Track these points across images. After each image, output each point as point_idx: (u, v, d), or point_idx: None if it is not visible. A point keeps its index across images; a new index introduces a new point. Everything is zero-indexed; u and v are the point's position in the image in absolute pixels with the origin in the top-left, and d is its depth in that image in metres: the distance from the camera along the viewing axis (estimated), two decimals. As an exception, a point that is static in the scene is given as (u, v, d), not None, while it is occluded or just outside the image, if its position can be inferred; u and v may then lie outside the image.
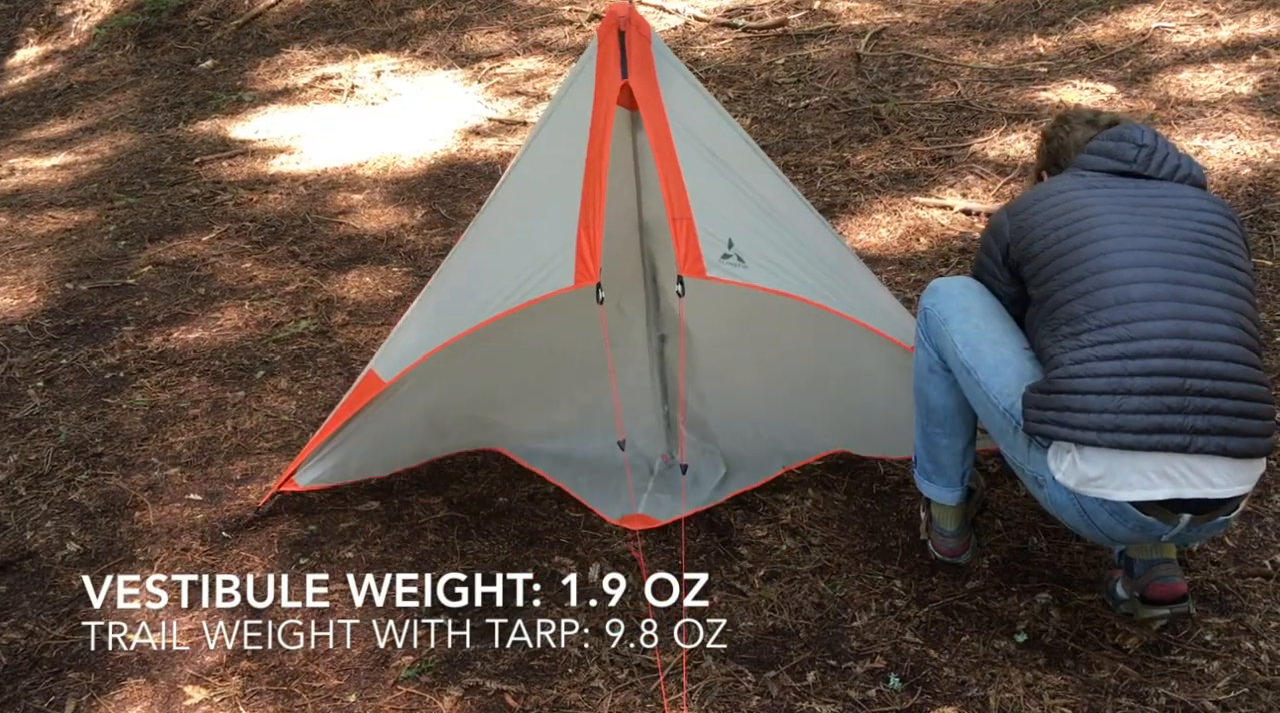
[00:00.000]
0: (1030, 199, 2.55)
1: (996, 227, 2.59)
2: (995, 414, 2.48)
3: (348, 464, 3.15)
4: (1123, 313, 2.27)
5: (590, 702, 2.57)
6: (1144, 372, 2.22)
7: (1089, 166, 2.57)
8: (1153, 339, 2.24)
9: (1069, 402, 2.27)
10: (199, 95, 7.36)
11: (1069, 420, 2.26)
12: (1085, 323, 2.30)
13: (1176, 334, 2.24)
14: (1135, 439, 2.21)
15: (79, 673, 2.78)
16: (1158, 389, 2.21)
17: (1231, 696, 2.44)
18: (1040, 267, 2.44)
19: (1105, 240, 2.37)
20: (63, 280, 4.89)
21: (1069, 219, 2.44)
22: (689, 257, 2.48)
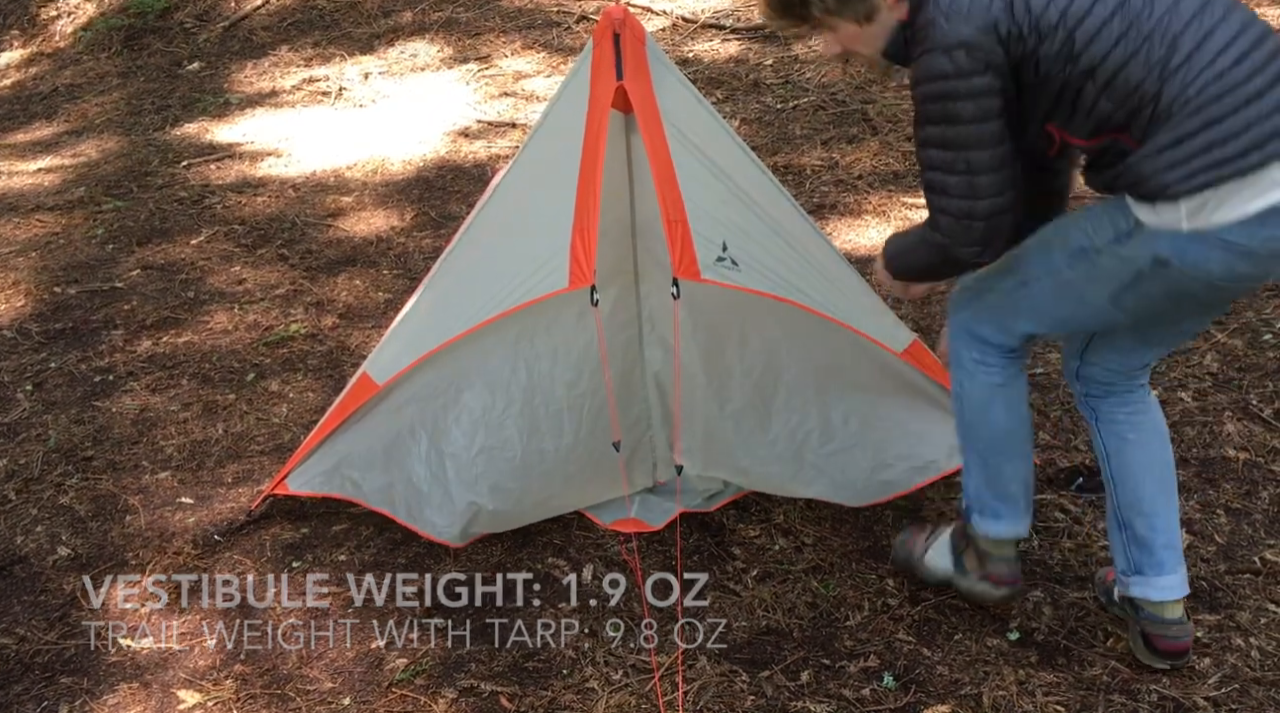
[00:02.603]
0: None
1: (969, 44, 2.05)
2: (1089, 257, 2.18)
3: (339, 474, 3.13)
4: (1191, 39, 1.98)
5: (585, 703, 2.57)
6: (1244, 83, 1.95)
7: None
8: (1229, 46, 1.98)
9: (1208, 143, 1.94)
10: (186, 98, 7.34)
11: (1219, 161, 1.94)
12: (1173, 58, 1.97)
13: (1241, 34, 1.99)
14: (1270, 150, 1.94)
15: (71, 678, 2.77)
16: (1265, 92, 1.96)
17: (1222, 692, 2.46)
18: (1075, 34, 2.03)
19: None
20: (50, 284, 4.87)
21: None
22: (684, 259, 2.49)
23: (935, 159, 2.14)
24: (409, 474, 3.01)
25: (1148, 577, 2.47)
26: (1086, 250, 2.19)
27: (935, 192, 2.17)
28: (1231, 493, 3.04)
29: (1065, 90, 2.07)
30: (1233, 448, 3.19)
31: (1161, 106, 1.98)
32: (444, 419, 2.94)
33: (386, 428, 3.03)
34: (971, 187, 2.11)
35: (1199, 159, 1.95)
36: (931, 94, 2.09)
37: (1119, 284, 2.17)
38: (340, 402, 3.08)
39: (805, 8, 2.19)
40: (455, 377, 2.89)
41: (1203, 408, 3.37)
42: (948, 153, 2.11)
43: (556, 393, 2.83)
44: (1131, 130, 2.04)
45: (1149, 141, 2.00)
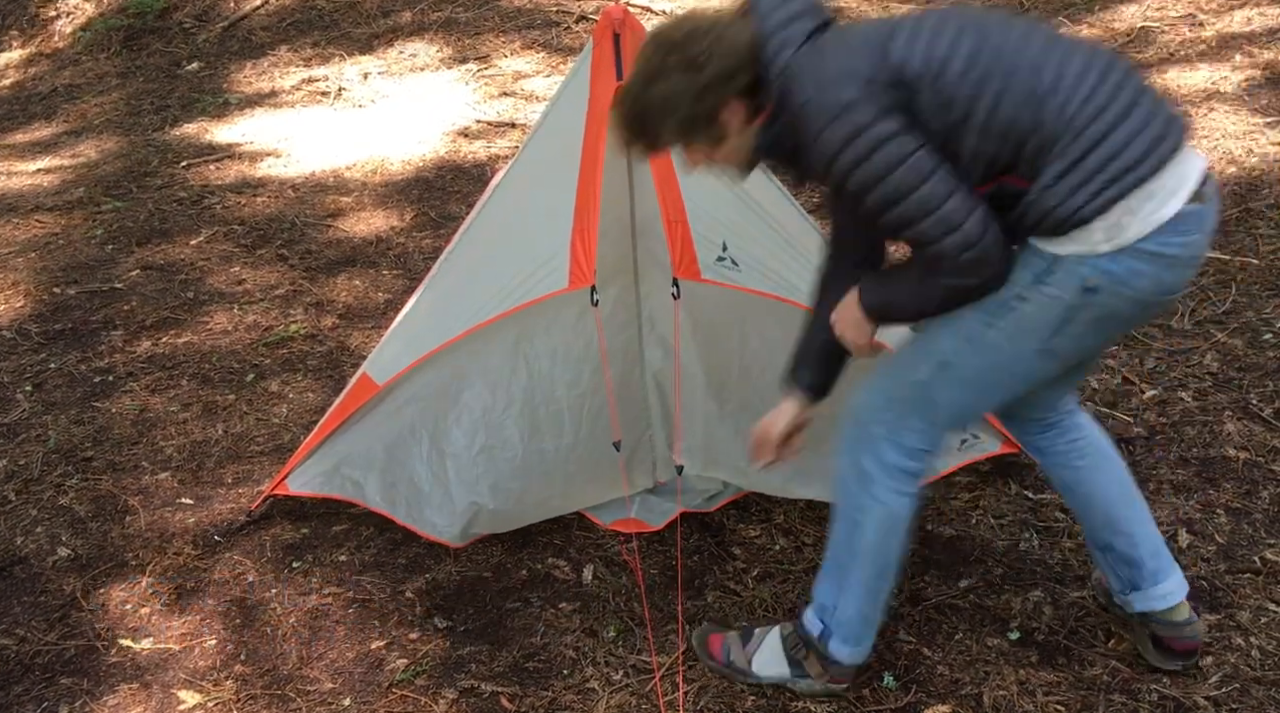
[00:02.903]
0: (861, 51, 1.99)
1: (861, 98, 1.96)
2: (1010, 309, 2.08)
3: (340, 474, 3.13)
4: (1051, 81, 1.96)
5: (586, 703, 2.57)
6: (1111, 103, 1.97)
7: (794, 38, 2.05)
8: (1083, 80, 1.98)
9: (1103, 161, 1.94)
10: (185, 98, 7.33)
11: (1118, 174, 1.94)
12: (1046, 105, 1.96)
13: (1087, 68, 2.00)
14: (1160, 155, 1.96)
15: (71, 678, 2.77)
16: (1131, 110, 1.98)
17: (1223, 692, 2.46)
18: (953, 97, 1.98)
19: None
20: (50, 284, 4.87)
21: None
22: (684, 258, 2.50)
23: (895, 219, 2.00)
24: (410, 474, 3.02)
25: (1146, 590, 2.45)
26: (1006, 302, 2.07)
27: (920, 245, 2.04)
28: (1232, 493, 3.04)
29: (947, 141, 1.99)
30: (1233, 447, 3.19)
31: (1045, 137, 1.94)
32: (444, 419, 2.94)
33: (387, 428, 3.03)
34: (945, 221, 1.98)
35: (1099, 177, 1.92)
36: (848, 163, 1.97)
37: (1049, 328, 2.08)
38: (340, 402, 3.08)
39: (654, 139, 2.15)
40: (456, 377, 2.89)
41: (1203, 407, 3.37)
42: (902, 206, 1.98)
43: (556, 393, 2.84)
44: (1019, 168, 1.98)
45: (1042, 174, 1.96)
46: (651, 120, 2.09)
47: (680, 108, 2.06)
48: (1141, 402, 3.43)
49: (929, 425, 2.24)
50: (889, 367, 2.27)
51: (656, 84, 2.06)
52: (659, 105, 2.07)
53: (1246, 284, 3.95)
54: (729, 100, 2.06)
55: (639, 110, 2.10)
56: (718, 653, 2.60)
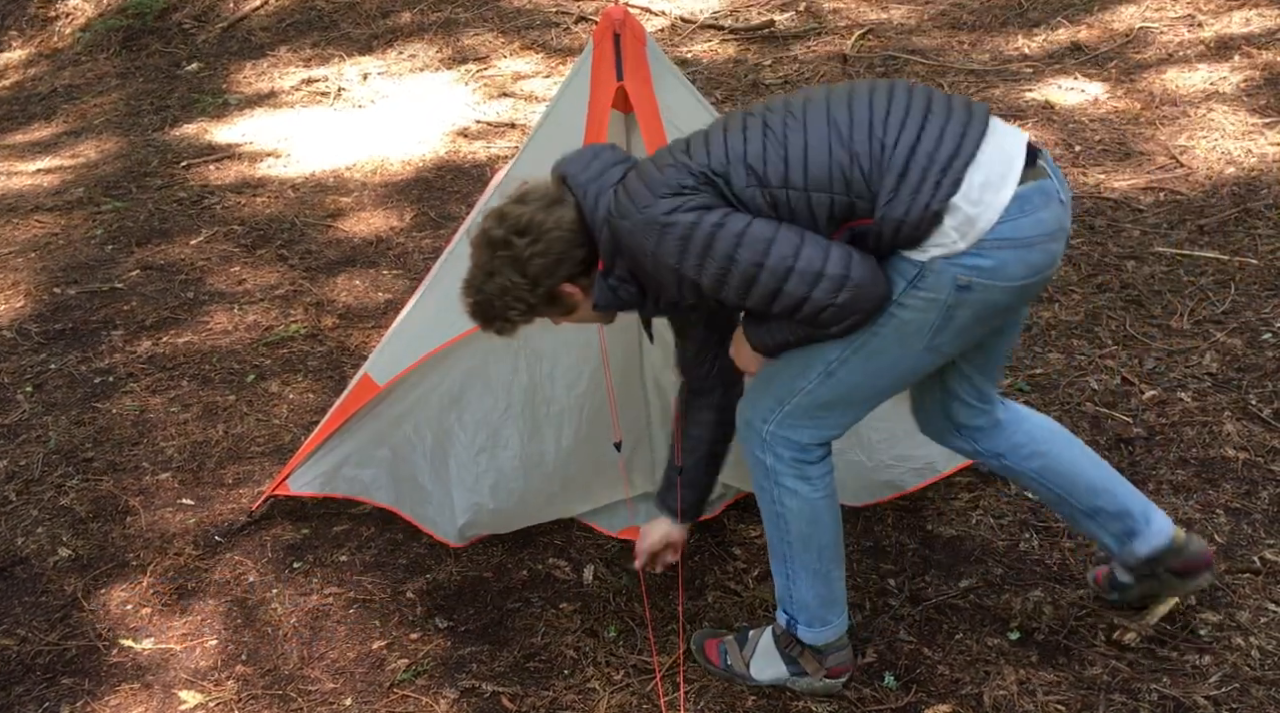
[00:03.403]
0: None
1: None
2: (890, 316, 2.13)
3: (341, 473, 3.14)
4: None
5: (587, 703, 2.58)
6: (908, 116, 2.09)
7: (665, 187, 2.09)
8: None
9: (923, 166, 2.03)
10: (185, 99, 7.34)
11: (941, 171, 2.03)
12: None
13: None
14: (972, 140, 2.06)
15: (72, 679, 2.77)
16: (927, 116, 2.10)
17: (1223, 691, 2.46)
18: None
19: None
20: (50, 285, 4.87)
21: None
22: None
23: (761, 295, 2.07)
24: (412, 472, 3.02)
25: (1144, 531, 2.49)
26: (884, 311, 2.12)
27: (798, 306, 2.06)
28: (1231, 493, 3.04)
29: (777, 209, 2.06)
30: (1232, 447, 3.20)
31: (863, 166, 2.03)
32: (445, 419, 2.94)
33: (389, 428, 3.03)
34: (806, 273, 2.03)
35: (927, 181, 2.01)
36: (693, 264, 2.06)
37: (930, 329, 2.13)
38: (341, 402, 3.08)
39: (505, 326, 2.28)
40: (457, 377, 2.89)
41: (1202, 408, 3.37)
42: (762, 280, 2.05)
43: (557, 393, 2.85)
44: (858, 209, 2.05)
45: (878, 200, 2.03)
46: (496, 311, 2.24)
47: (521, 299, 2.20)
48: (1141, 402, 3.44)
49: (818, 425, 2.31)
50: (776, 371, 2.31)
51: (493, 280, 2.20)
52: (499, 299, 2.21)
53: (1245, 284, 3.95)
54: (564, 284, 2.21)
55: (482, 303, 2.24)
56: (715, 658, 2.61)
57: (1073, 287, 4.06)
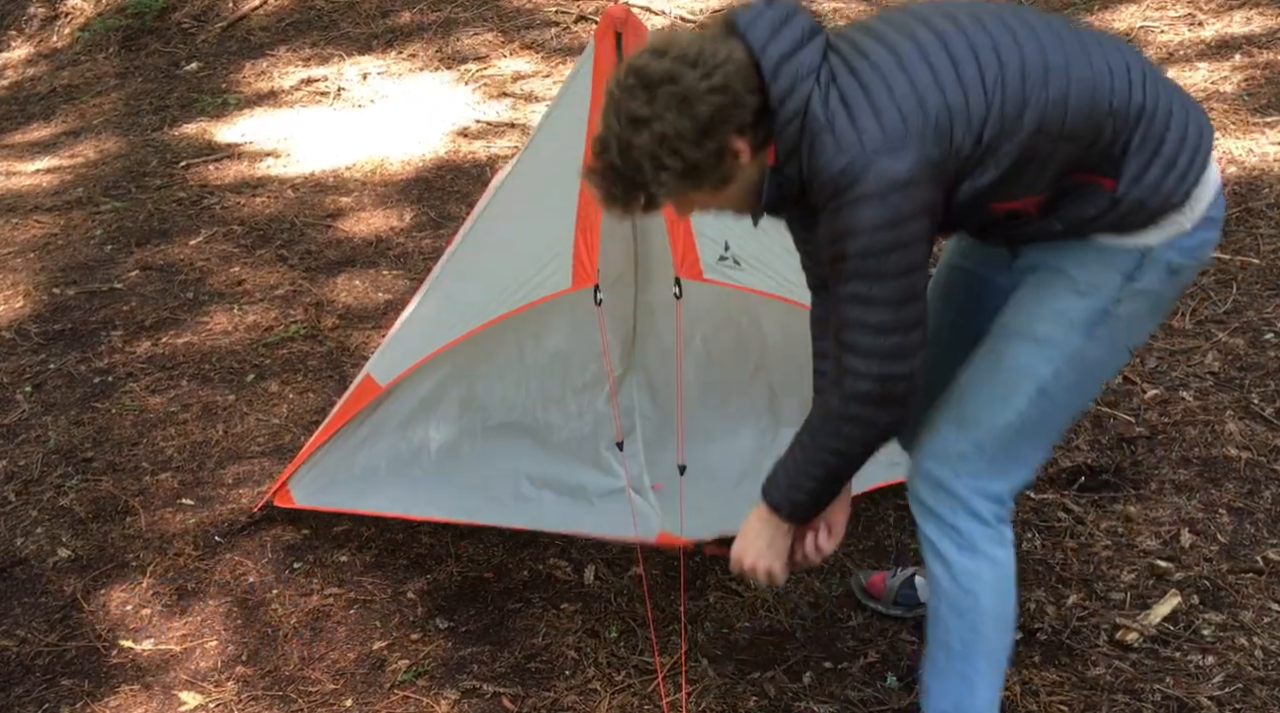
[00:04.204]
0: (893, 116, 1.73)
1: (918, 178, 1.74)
2: (1108, 318, 1.91)
3: (342, 483, 3.12)
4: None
5: (588, 704, 2.57)
6: (1159, 87, 1.89)
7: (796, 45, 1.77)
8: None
9: (1177, 143, 1.84)
10: (184, 98, 7.32)
11: (1193, 153, 1.86)
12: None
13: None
14: (1205, 122, 1.93)
15: (72, 680, 2.76)
16: (1170, 88, 1.93)
17: (1226, 692, 2.45)
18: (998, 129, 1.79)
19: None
20: (49, 285, 4.86)
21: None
22: (686, 258, 2.49)
23: (852, 317, 1.81)
24: (411, 473, 3.01)
25: None
26: (1103, 310, 1.89)
27: (853, 352, 1.82)
28: (1234, 492, 3.03)
29: (1020, 161, 1.80)
30: (1234, 447, 3.19)
31: (1117, 130, 1.81)
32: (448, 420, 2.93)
33: (390, 431, 3.02)
34: (900, 347, 1.80)
35: (1180, 159, 1.83)
36: (857, 250, 1.75)
37: (1140, 324, 1.97)
38: (343, 404, 3.06)
39: (651, 195, 1.80)
40: (459, 378, 2.88)
41: (1204, 407, 3.37)
42: (871, 310, 1.79)
43: (560, 393, 2.83)
44: (1101, 167, 1.83)
45: (1125, 169, 1.82)
46: (646, 172, 1.76)
47: (680, 153, 1.74)
48: (1143, 401, 3.43)
49: (1019, 466, 2.02)
50: (960, 411, 1.99)
51: (646, 130, 1.73)
52: (653, 153, 1.74)
53: (1247, 283, 3.94)
54: (735, 137, 1.77)
55: (630, 162, 1.76)
56: None
57: (1074, 286, 4.05)
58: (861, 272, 1.77)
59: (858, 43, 1.82)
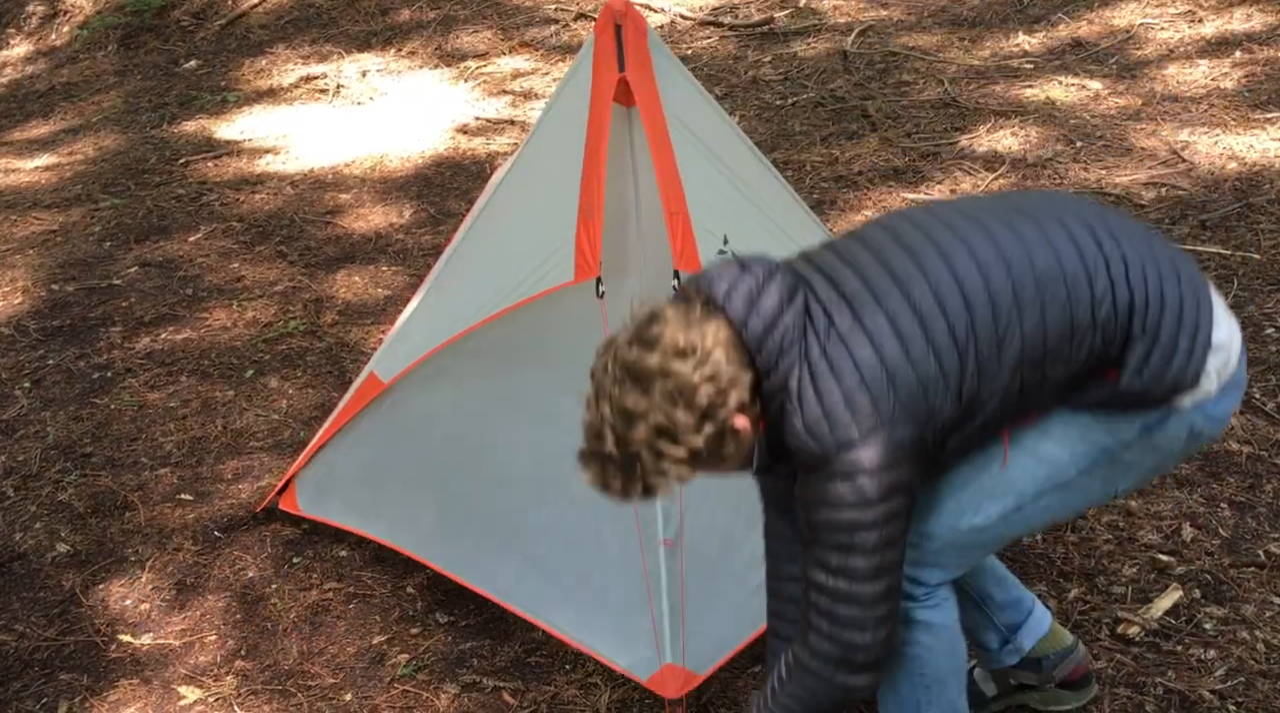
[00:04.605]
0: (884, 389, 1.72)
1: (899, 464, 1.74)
2: (1083, 484, 1.93)
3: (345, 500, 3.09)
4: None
5: (588, 698, 2.56)
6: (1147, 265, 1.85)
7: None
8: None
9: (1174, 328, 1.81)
10: (183, 95, 7.31)
11: (1193, 331, 1.82)
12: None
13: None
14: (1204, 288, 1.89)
15: (71, 675, 2.75)
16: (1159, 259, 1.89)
17: (1228, 685, 2.45)
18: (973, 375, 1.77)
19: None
20: (48, 281, 4.85)
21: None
22: (685, 251, 2.48)
23: (824, 584, 1.79)
24: (413, 482, 2.96)
25: (1026, 622, 2.27)
26: (1110, 452, 1.88)
27: (815, 611, 1.81)
28: (1235, 487, 3.03)
29: (1007, 398, 1.80)
30: (1236, 442, 3.19)
31: (1112, 330, 1.79)
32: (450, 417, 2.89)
33: (393, 431, 2.97)
34: (861, 619, 1.78)
35: (1184, 339, 1.80)
36: (825, 520, 1.75)
37: (1139, 475, 1.96)
38: (347, 402, 3.04)
39: (652, 484, 1.77)
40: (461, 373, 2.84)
41: (1205, 402, 3.36)
42: (838, 579, 1.77)
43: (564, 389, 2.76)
44: (1098, 368, 1.82)
45: (1126, 363, 1.81)
46: (645, 462, 1.73)
47: (681, 441, 1.71)
48: (1144, 396, 3.42)
49: (960, 563, 2.01)
50: (929, 494, 1.94)
51: (641, 425, 1.70)
52: (651, 444, 1.71)
53: (1248, 279, 3.94)
54: (735, 415, 1.74)
55: (627, 454, 1.73)
56: None
57: (1075, 282, 4.04)
58: (831, 543, 1.77)
59: (828, 305, 1.79)
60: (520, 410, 2.82)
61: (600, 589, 2.60)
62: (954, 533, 1.91)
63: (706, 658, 2.48)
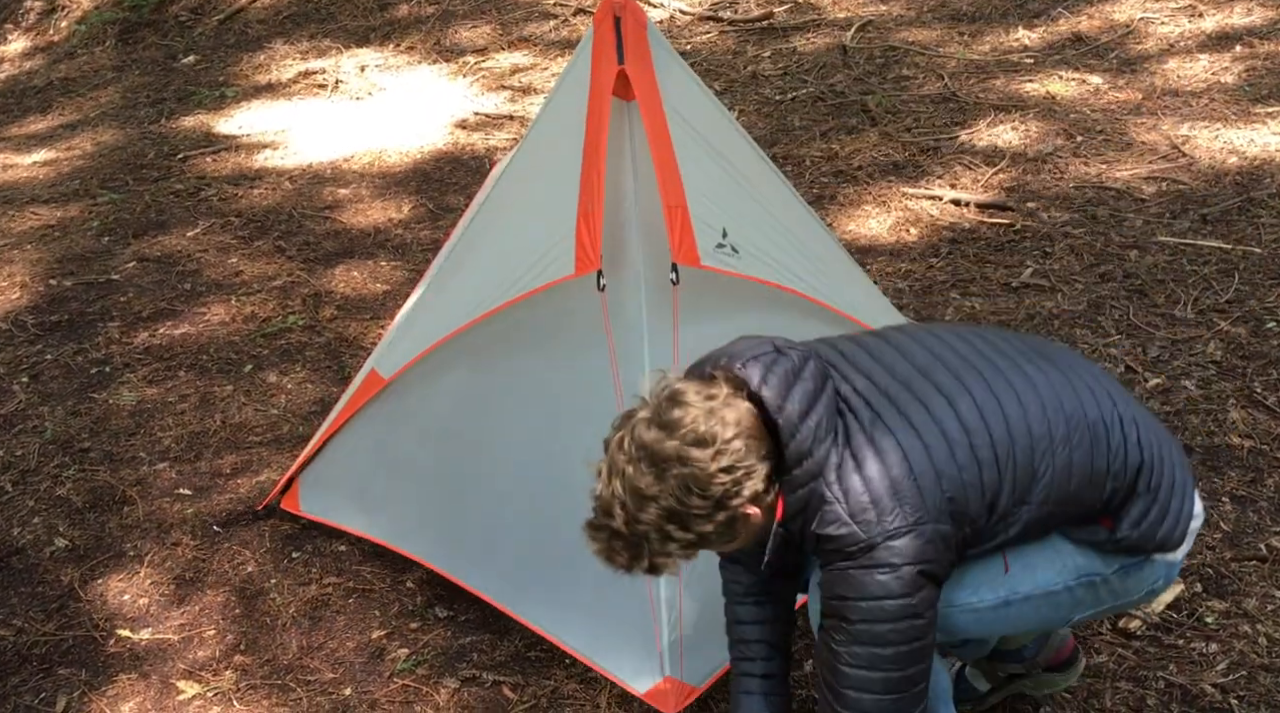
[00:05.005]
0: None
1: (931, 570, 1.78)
2: (1063, 599, 1.98)
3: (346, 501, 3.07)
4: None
5: (588, 693, 2.56)
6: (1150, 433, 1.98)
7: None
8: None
9: (1169, 490, 1.93)
10: (181, 91, 7.30)
11: (1182, 494, 1.95)
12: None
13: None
14: (1184, 459, 2.04)
15: (69, 669, 2.75)
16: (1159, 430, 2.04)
17: (1230, 678, 2.44)
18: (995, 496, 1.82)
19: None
20: (46, 276, 4.83)
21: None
22: (684, 244, 2.47)
23: (863, 681, 1.80)
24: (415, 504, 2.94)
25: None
26: (1095, 579, 1.95)
27: (848, 707, 1.83)
28: (1236, 480, 3.02)
29: (1029, 526, 1.87)
30: (1237, 435, 3.18)
31: (1122, 483, 1.88)
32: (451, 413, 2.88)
33: (393, 428, 2.96)
34: (903, 702, 1.81)
35: (1175, 500, 1.92)
36: (862, 615, 1.76)
37: (1101, 607, 2.02)
38: (349, 399, 3.03)
39: (665, 560, 1.81)
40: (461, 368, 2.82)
41: (1207, 396, 3.35)
42: (878, 673, 1.79)
43: (565, 382, 2.75)
44: (1099, 516, 1.91)
45: (1124, 516, 1.90)
46: (653, 542, 1.76)
47: (690, 528, 1.74)
48: (1145, 390, 3.41)
49: (944, 637, 2.00)
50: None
51: (652, 506, 1.73)
52: (660, 527, 1.74)
53: (1249, 273, 3.93)
54: (747, 505, 1.76)
55: (635, 533, 1.75)
56: None
57: (1075, 276, 4.03)
58: (867, 638, 1.78)
59: (867, 395, 1.83)
60: (522, 406, 2.80)
61: (599, 597, 2.58)
62: (948, 607, 1.92)
63: (704, 671, 2.46)
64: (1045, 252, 4.20)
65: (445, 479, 2.91)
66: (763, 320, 2.77)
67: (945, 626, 1.93)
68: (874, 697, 1.80)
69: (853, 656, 1.79)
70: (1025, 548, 1.94)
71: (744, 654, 2.18)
